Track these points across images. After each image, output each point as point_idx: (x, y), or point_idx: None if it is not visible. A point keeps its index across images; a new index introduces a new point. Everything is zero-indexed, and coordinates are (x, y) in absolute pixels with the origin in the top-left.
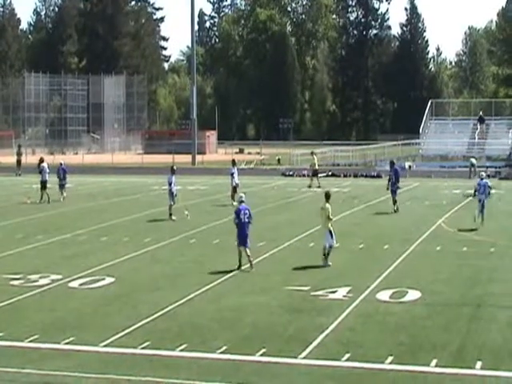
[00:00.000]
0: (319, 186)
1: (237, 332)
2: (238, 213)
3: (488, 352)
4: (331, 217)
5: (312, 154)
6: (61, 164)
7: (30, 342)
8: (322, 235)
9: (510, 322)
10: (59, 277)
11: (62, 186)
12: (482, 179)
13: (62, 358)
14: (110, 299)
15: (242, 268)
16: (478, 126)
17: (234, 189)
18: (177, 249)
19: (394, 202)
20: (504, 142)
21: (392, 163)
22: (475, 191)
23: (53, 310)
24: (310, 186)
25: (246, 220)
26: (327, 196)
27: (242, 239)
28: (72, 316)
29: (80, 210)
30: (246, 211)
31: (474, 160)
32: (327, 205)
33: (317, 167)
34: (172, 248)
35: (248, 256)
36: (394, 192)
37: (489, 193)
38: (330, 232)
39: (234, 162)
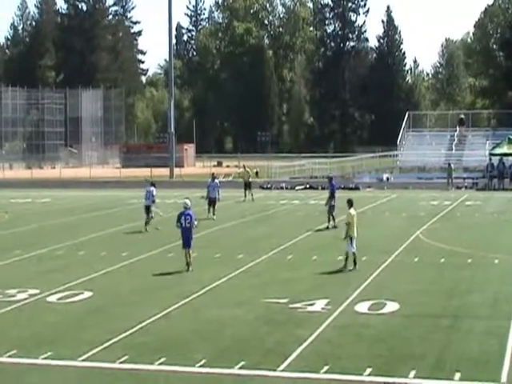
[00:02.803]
0: (244, 199)
1: (216, 345)
2: (179, 217)
3: (466, 363)
4: (349, 221)
5: (244, 167)
6: None
7: (8, 357)
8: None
9: (487, 332)
10: (37, 291)
11: None
12: None
13: (39, 373)
14: (88, 313)
15: (190, 269)
16: (458, 128)
17: (210, 202)
18: (155, 262)
19: (332, 218)
20: (481, 153)
21: (330, 179)
22: None
23: (30, 324)
24: (244, 201)
25: (188, 225)
26: (350, 202)
27: (185, 242)
28: (50, 331)
29: (57, 225)
30: (188, 216)
31: (452, 165)
32: (350, 211)
33: (250, 180)
34: (150, 262)
35: (189, 257)
36: (331, 207)
37: None
38: (351, 238)
39: (213, 176)
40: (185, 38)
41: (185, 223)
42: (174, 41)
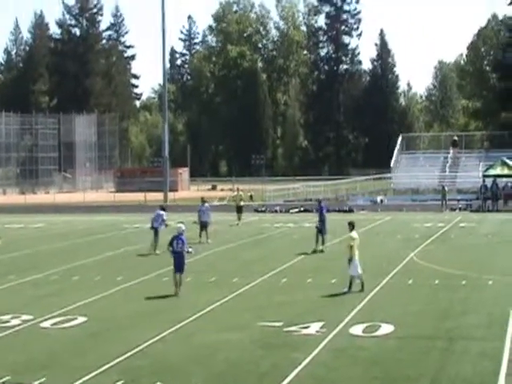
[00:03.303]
0: (237, 223)
1: (210, 369)
2: (171, 241)
3: None
4: (351, 244)
5: (238, 190)
6: None
7: (2, 383)
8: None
9: (481, 354)
10: (31, 317)
11: None
12: None
13: None
14: (83, 338)
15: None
16: (451, 150)
17: (202, 227)
18: (149, 287)
19: (322, 241)
20: (474, 174)
21: (319, 201)
22: None
23: (25, 350)
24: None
25: (179, 249)
26: (351, 225)
27: (176, 266)
28: (44, 356)
29: (51, 250)
30: (179, 241)
31: (446, 187)
32: (352, 234)
33: (241, 204)
34: (144, 286)
35: (179, 282)
36: (320, 231)
37: None
38: (350, 261)
39: (203, 200)
40: (179, 62)
41: (176, 247)
42: (167, 65)
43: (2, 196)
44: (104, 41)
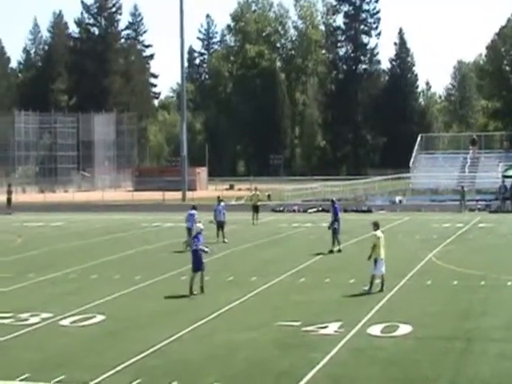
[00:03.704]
0: (252, 223)
1: (228, 369)
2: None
3: None
4: (375, 243)
5: (255, 189)
6: None
7: (21, 380)
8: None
9: (500, 355)
10: (50, 315)
11: None
12: None
13: None
14: (101, 337)
15: (195, 293)
16: (470, 149)
17: (219, 225)
18: (168, 286)
19: (337, 241)
20: (494, 175)
21: (332, 201)
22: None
23: (43, 348)
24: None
25: (194, 247)
26: (376, 225)
27: (194, 265)
28: (62, 354)
29: (70, 248)
30: (196, 239)
31: (465, 188)
32: (377, 232)
33: (258, 203)
34: (163, 285)
35: (200, 280)
36: (334, 231)
37: None
38: (376, 260)
39: (219, 199)
40: (197, 61)
41: (193, 246)
42: (186, 64)
43: (22, 194)
44: (123, 40)
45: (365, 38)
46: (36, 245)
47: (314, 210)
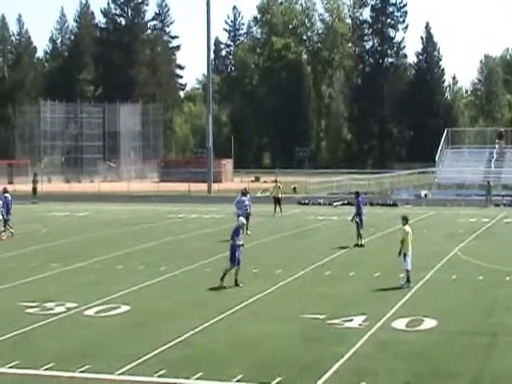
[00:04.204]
0: (273, 215)
1: (252, 360)
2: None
3: (505, 381)
4: (404, 237)
5: (275, 182)
6: (5, 194)
7: (46, 370)
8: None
9: None
10: (75, 305)
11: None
12: None
13: None
14: (125, 327)
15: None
16: (497, 141)
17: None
18: (192, 277)
19: (359, 235)
20: None
21: (356, 194)
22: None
23: (68, 337)
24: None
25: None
26: (405, 219)
27: (233, 259)
28: (87, 344)
29: (95, 238)
30: (237, 235)
31: (491, 183)
32: (406, 227)
33: (280, 195)
34: (188, 276)
35: (237, 274)
36: (357, 224)
37: None
38: (405, 255)
39: (244, 191)
40: (223, 52)
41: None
42: (212, 56)
43: (48, 184)
44: (149, 31)
45: (391, 32)
46: (61, 235)
47: (340, 203)
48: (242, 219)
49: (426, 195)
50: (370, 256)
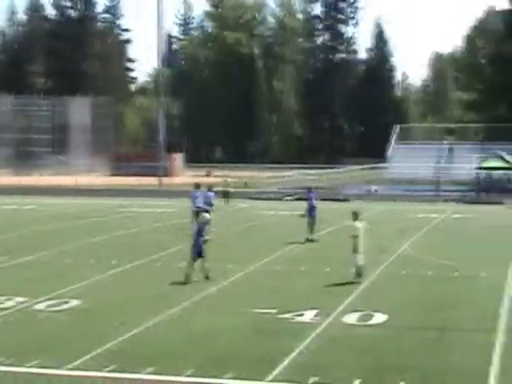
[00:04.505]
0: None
1: (204, 354)
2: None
3: (452, 375)
4: (355, 234)
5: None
6: None
7: None
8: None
9: (473, 345)
10: (24, 299)
11: None
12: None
13: (26, 382)
14: (76, 322)
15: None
16: (447, 138)
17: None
18: (144, 271)
19: (310, 230)
20: (469, 166)
21: (309, 189)
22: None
23: (17, 332)
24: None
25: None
26: (355, 214)
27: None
28: (37, 339)
29: (43, 232)
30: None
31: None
32: (356, 223)
33: (228, 189)
34: (139, 270)
35: (203, 267)
36: (310, 219)
37: None
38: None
39: (197, 186)
40: (174, 46)
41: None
42: (163, 49)
43: None
44: (100, 23)
45: (342, 28)
46: (9, 228)
47: (291, 197)
48: (207, 215)
49: (376, 190)
50: (321, 251)
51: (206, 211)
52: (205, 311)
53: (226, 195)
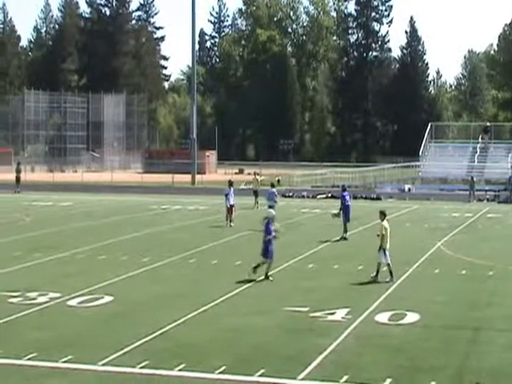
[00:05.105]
0: (253, 208)
1: (235, 352)
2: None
3: (486, 375)
4: (383, 233)
5: (254, 174)
6: None
7: (28, 360)
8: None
9: (507, 345)
10: (58, 295)
11: None
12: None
13: (59, 377)
14: (109, 318)
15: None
16: (481, 136)
17: (229, 209)
18: (175, 269)
19: (345, 229)
20: (503, 165)
21: (343, 188)
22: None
23: (51, 328)
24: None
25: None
26: (383, 214)
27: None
28: (70, 334)
29: (78, 228)
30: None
31: (474, 178)
32: (384, 223)
33: (258, 188)
34: (171, 268)
35: (268, 268)
36: (344, 217)
37: None
38: (384, 250)
39: (230, 183)
40: (208, 44)
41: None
42: (196, 47)
43: (31, 173)
44: (134, 21)
45: (376, 26)
46: (44, 224)
47: (324, 196)
48: (272, 211)
49: (409, 189)
50: (354, 249)
51: (271, 207)
52: (236, 309)
53: (255, 194)
